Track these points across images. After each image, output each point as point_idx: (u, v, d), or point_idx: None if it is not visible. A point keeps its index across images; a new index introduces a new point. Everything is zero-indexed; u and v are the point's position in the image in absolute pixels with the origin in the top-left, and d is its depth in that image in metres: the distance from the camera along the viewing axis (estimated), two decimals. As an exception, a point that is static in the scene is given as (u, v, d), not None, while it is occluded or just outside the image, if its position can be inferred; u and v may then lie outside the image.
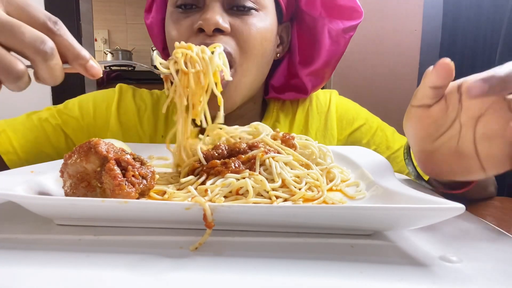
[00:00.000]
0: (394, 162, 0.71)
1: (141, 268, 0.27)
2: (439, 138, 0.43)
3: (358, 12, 0.69)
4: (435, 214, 0.30)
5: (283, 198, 0.40)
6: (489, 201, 0.57)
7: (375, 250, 0.32)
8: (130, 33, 3.54)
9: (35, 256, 0.29)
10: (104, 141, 0.38)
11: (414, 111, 0.43)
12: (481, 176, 0.41)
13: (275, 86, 0.76)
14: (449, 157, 0.43)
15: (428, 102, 0.41)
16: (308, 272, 0.27)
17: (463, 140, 0.42)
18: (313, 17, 0.70)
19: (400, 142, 0.74)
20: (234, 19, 0.60)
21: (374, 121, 0.76)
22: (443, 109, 0.41)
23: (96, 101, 0.73)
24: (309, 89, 0.74)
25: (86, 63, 0.37)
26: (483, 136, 0.40)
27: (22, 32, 0.33)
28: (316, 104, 0.76)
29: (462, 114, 0.41)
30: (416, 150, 0.45)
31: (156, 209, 0.32)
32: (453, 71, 0.38)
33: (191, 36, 0.60)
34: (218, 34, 0.59)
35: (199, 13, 0.60)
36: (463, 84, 0.40)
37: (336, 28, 0.69)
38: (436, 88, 0.39)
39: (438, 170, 0.44)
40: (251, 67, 0.63)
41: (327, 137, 0.74)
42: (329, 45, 0.70)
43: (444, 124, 0.42)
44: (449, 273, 0.28)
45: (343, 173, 0.50)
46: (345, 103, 0.78)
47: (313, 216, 0.32)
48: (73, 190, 0.37)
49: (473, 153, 0.41)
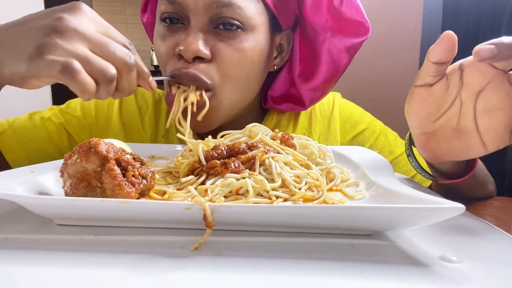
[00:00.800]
0: (397, 167, 0.70)
1: (141, 268, 0.27)
2: (440, 118, 0.44)
3: (365, 27, 0.63)
4: (435, 214, 0.30)
5: (283, 198, 0.40)
6: (489, 201, 0.57)
7: (375, 250, 0.32)
8: (130, 33, 3.54)
9: (35, 256, 0.29)
10: (104, 141, 0.38)
11: (416, 91, 0.44)
12: (481, 152, 0.43)
13: (274, 96, 0.72)
14: (449, 136, 0.44)
15: (430, 81, 0.42)
16: (308, 272, 0.27)
17: (463, 117, 0.43)
18: (315, 29, 0.64)
19: (402, 147, 0.72)
20: (217, 43, 0.56)
21: (377, 125, 0.75)
22: (444, 88, 0.43)
23: (98, 101, 0.73)
24: (307, 103, 0.70)
25: (148, 78, 0.47)
26: (483, 110, 0.42)
27: (115, 47, 0.41)
28: (319, 107, 0.74)
29: (463, 91, 0.42)
30: (417, 133, 0.46)
31: (156, 209, 0.32)
32: (456, 43, 0.39)
33: (172, 58, 0.58)
34: (198, 62, 0.56)
35: (184, 32, 0.57)
36: (464, 62, 0.41)
37: (338, 45, 0.64)
38: (439, 64, 0.40)
39: (439, 151, 0.45)
40: (234, 89, 0.60)
41: (330, 140, 0.72)
42: (328, 64, 0.65)
43: (445, 103, 0.43)
44: (449, 273, 0.28)
45: (343, 173, 0.50)
46: (348, 107, 0.76)
47: (313, 216, 0.32)
48: (73, 190, 0.37)
49: (474, 129, 0.42)
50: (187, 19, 0.57)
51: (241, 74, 0.59)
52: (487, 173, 0.59)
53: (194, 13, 0.56)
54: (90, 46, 0.39)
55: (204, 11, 0.55)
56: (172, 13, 0.57)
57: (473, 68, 0.41)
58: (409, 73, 1.78)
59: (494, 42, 0.37)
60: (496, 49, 0.36)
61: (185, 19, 0.57)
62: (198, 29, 0.56)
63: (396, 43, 1.77)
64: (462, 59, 0.42)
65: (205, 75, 0.56)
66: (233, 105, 0.62)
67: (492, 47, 0.37)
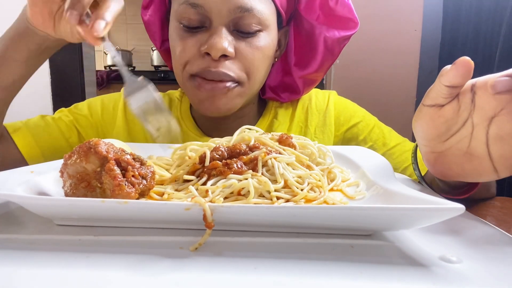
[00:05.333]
0: (390, 158, 0.73)
1: (141, 269, 0.27)
2: (450, 139, 0.42)
3: (354, 22, 0.71)
4: (435, 214, 0.30)
5: (285, 199, 0.40)
6: (489, 201, 0.57)
7: (375, 250, 0.32)
8: (130, 33, 3.54)
9: (35, 256, 0.29)
10: (104, 141, 0.38)
11: (425, 111, 0.42)
12: (493, 177, 0.41)
13: (271, 86, 0.78)
14: (460, 158, 0.42)
15: (441, 102, 0.40)
16: (308, 272, 0.27)
17: (475, 141, 0.41)
18: (311, 23, 0.71)
19: (396, 140, 0.76)
20: (239, 42, 0.62)
21: (371, 119, 0.79)
22: (455, 109, 0.41)
23: (104, 102, 0.78)
24: (301, 90, 0.77)
25: (96, 20, 0.46)
26: (496, 136, 0.40)
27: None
28: (315, 103, 0.79)
29: (475, 114, 0.40)
30: (425, 151, 0.45)
31: (156, 209, 0.32)
32: (471, 70, 0.37)
33: (196, 56, 0.62)
34: (223, 59, 0.61)
35: (206, 33, 0.62)
36: (476, 83, 0.39)
37: (332, 37, 0.71)
38: (453, 87, 0.39)
39: (448, 171, 0.44)
40: (255, 81, 0.67)
41: (326, 133, 0.77)
42: (324, 53, 0.73)
43: (456, 124, 0.41)
44: (449, 273, 0.28)
45: (343, 172, 0.50)
46: (343, 102, 0.81)
47: (313, 217, 0.32)
48: (73, 191, 0.37)
49: (486, 154, 0.40)
50: (209, 21, 0.62)
51: (261, 69, 0.66)
52: None
53: (216, 15, 0.60)
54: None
55: (228, 14, 0.60)
56: (192, 18, 0.61)
57: (486, 92, 0.39)
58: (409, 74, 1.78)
59: (510, 74, 0.35)
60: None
61: (206, 21, 0.62)
62: (222, 29, 0.61)
63: (396, 43, 1.77)
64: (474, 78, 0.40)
65: (232, 71, 0.62)
66: (251, 95, 0.69)
67: (508, 79, 0.35)
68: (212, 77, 0.62)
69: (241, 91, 0.65)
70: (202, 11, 0.60)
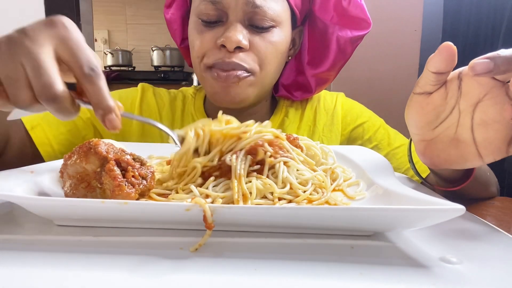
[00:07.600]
0: (394, 158, 0.74)
1: (141, 269, 0.27)
2: (439, 126, 0.44)
3: (366, 23, 0.73)
4: (436, 215, 0.30)
5: (287, 200, 0.40)
6: (489, 201, 0.57)
7: (375, 251, 0.32)
8: (130, 33, 3.54)
9: (35, 257, 0.29)
10: (104, 141, 0.38)
11: (415, 99, 0.43)
12: (478, 163, 0.42)
13: (285, 84, 0.81)
14: (447, 145, 0.44)
15: (429, 89, 0.42)
16: (308, 273, 0.27)
17: (461, 127, 0.43)
18: (324, 23, 0.74)
19: (400, 141, 0.77)
20: (253, 36, 0.66)
21: (377, 120, 0.80)
22: (443, 96, 0.42)
23: (121, 98, 0.79)
24: (314, 88, 0.79)
25: (106, 115, 0.36)
26: (480, 122, 0.41)
27: (47, 75, 0.33)
28: (323, 103, 0.82)
29: (461, 100, 0.42)
30: (416, 140, 0.46)
31: (156, 210, 0.32)
32: (455, 54, 0.38)
33: (212, 49, 0.66)
34: (238, 51, 0.65)
35: (222, 27, 0.65)
36: (463, 71, 0.41)
37: (345, 36, 0.73)
38: (439, 74, 0.40)
39: (436, 159, 0.45)
40: (267, 74, 0.69)
41: (333, 132, 0.79)
42: (336, 52, 0.75)
43: (444, 111, 0.43)
44: (449, 274, 0.28)
45: (345, 172, 0.50)
46: (350, 103, 0.83)
47: (313, 217, 0.32)
48: (73, 191, 0.37)
49: (470, 140, 0.42)
50: (225, 16, 0.65)
51: (274, 63, 0.69)
52: (490, 174, 0.59)
53: (232, 10, 0.64)
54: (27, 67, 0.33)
55: (242, 7, 0.64)
56: (211, 13, 0.65)
57: (471, 78, 0.40)
58: (409, 74, 1.78)
59: (490, 56, 0.36)
60: (492, 64, 0.35)
61: (223, 16, 0.66)
62: (237, 23, 0.65)
63: (396, 44, 1.77)
64: (463, 66, 0.41)
65: (246, 63, 0.66)
66: (263, 88, 0.71)
67: (487, 61, 0.36)
68: (226, 67, 0.65)
69: (253, 81, 0.68)
70: (220, 7, 0.64)
